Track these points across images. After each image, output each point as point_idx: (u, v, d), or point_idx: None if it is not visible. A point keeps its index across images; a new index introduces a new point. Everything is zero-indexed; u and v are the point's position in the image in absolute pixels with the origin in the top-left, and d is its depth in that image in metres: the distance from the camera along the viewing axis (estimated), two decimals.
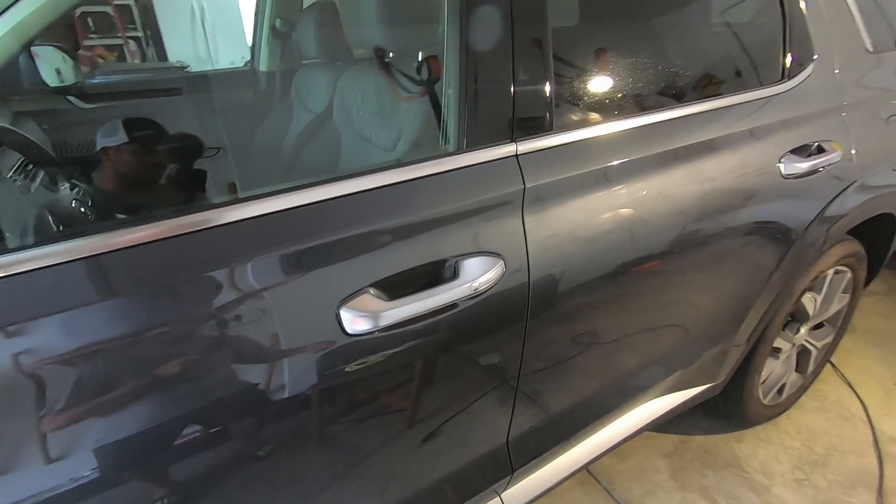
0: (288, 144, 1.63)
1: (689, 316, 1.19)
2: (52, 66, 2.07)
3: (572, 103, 0.93)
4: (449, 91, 0.80)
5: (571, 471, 1.17)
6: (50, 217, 0.99)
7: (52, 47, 2.06)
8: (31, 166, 1.09)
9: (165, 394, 0.59)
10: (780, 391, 1.64)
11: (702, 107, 1.05)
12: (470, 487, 0.99)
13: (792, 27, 1.21)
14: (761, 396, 1.58)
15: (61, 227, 0.89)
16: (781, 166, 1.14)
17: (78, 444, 0.56)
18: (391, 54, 1.09)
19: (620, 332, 1.05)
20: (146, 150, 1.00)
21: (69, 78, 2.14)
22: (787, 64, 1.21)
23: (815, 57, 1.24)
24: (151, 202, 1.00)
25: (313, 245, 0.67)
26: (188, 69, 2.83)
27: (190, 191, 1.02)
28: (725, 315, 1.27)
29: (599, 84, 0.99)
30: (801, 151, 1.17)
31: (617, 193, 0.92)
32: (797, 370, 1.66)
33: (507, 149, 0.81)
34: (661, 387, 1.28)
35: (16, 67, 1.72)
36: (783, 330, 1.50)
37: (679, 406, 1.36)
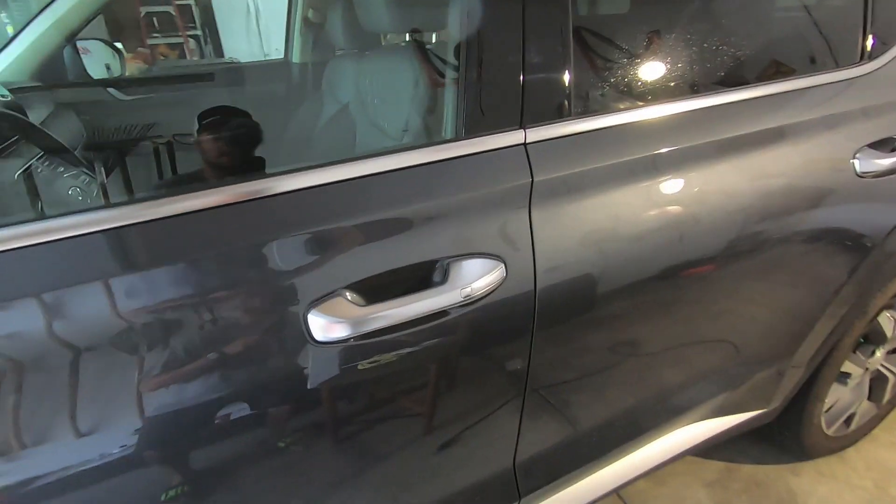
0: (315, 137, 1.60)
1: (737, 332, 1.04)
2: (101, 61, 2.15)
3: (598, 85, 0.81)
4: (450, 71, 0.71)
5: (593, 498, 1.05)
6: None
7: (101, 43, 2.13)
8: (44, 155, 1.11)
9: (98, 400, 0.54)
10: (847, 421, 1.43)
11: (756, 91, 0.90)
12: None
13: (874, 2, 1.03)
14: (824, 426, 1.38)
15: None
16: (856, 162, 0.96)
17: None
18: (406, 37, 1.01)
19: (649, 349, 0.92)
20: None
21: (117, 71, 2.22)
22: (868, 45, 1.03)
23: None
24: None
25: (281, 239, 0.60)
26: (237, 63, 2.89)
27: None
28: (781, 332, 1.11)
29: (634, 64, 0.87)
30: (883, 146, 0.99)
31: (648, 190, 0.80)
32: (870, 398, 1.45)
33: (514, 136, 0.71)
34: (701, 410, 1.13)
35: (60, 60, 1.77)
36: (854, 353, 1.31)
37: (724, 432, 1.21)
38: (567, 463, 0.98)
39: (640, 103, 0.82)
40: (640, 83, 0.86)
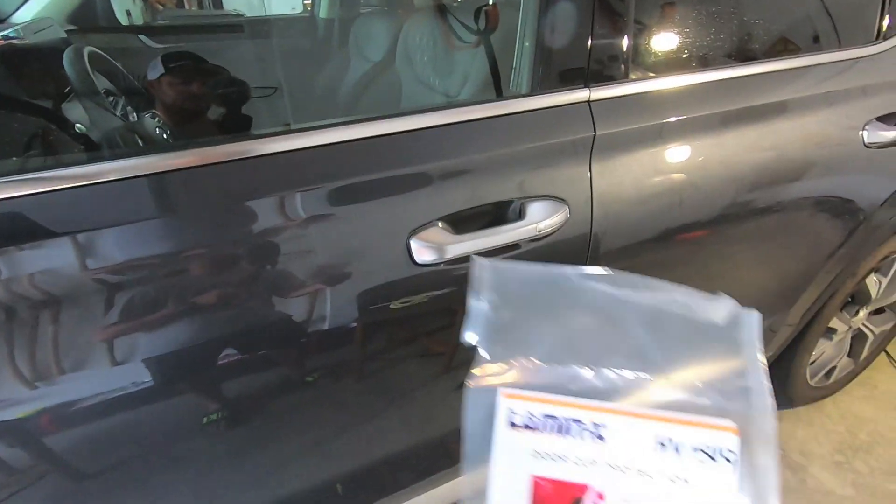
0: (345, 92, 1.65)
1: (738, 289, 1.15)
2: (123, 6, 2.15)
3: (649, 53, 0.90)
4: (525, 35, 0.79)
5: None
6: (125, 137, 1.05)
7: None
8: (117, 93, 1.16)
9: (233, 310, 0.64)
10: (828, 374, 1.60)
11: (779, 65, 1.00)
12: None
13: None
14: (808, 377, 1.54)
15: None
16: (865, 134, 1.07)
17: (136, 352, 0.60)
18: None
19: None
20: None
21: (137, 18, 2.22)
22: (884, 26, 1.12)
23: None
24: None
25: (389, 175, 0.69)
26: (242, 17, 2.88)
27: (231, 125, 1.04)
28: (779, 292, 1.22)
29: (677, 35, 0.95)
30: (890, 119, 1.10)
31: (680, 150, 0.89)
32: (849, 355, 1.61)
33: (580, 94, 0.80)
34: None
35: (93, 7, 1.78)
36: (841, 311, 1.45)
37: None
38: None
39: (683, 71, 0.91)
40: (684, 54, 0.94)
